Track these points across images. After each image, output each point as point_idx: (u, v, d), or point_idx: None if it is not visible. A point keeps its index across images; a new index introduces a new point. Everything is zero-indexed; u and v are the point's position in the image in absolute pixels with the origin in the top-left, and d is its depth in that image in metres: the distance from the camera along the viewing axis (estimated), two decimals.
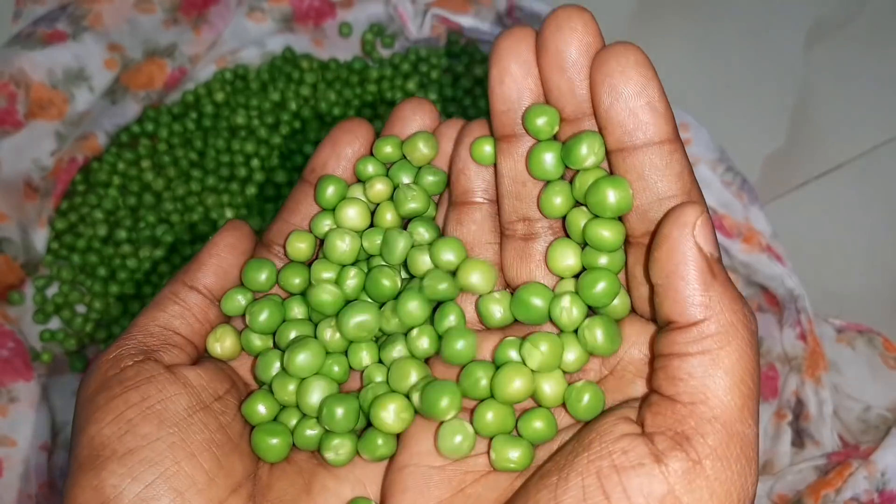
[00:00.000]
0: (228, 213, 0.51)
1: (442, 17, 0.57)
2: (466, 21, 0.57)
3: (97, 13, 0.54)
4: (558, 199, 0.20)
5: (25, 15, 0.56)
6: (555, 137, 0.20)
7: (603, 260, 0.19)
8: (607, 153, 0.19)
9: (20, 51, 0.51)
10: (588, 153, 0.19)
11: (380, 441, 0.20)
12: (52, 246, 0.51)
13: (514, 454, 0.19)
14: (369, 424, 0.21)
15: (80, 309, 0.50)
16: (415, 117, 0.22)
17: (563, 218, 0.20)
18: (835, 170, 0.57)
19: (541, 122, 0.19)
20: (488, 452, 0.19)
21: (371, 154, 0.23)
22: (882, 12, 0.62)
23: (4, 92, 0.51)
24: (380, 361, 0.21)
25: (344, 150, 0.23)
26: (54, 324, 0.50)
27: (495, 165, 0.21)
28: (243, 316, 0.22)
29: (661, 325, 0.18)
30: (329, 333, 0.21)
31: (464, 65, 0.57)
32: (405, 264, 0.22)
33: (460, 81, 0.56)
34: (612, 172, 0.19)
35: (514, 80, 0.19)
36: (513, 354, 0.20)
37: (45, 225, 0.50)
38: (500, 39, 0.19)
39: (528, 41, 0.19)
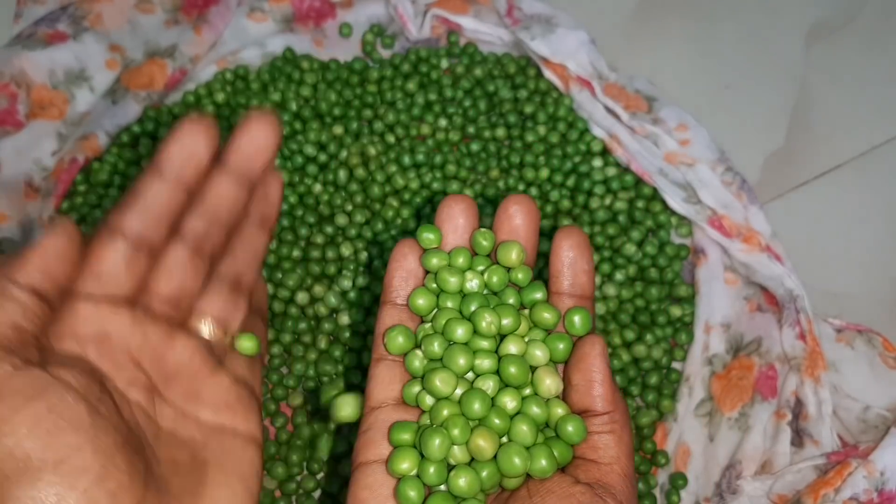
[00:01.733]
0: None
1: (442, 18, 0.58)
2: (466, 21, 0.57)
3: (98, 13, 0.54)
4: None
5: (26, 15, 0.56)
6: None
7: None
8: (551, 293, 0.27)
9: (21, 51, 0.51)
10: (542, 296, 0.27)
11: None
12: None
13: None
14: None
15: None
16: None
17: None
18: (834, 170, 0.57)
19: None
20: None
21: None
22: (881, 13, 0.62)
23: (5, 92, 0.51)
24: None
25: (193, 141, 0.25)
26: None
27: None
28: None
29: (576, 411, 0.25)
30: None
31: (464, 65, 0.57)
32: None
33: (461, 82, 0.56)
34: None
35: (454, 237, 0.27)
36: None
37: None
38: (445, 203, 0.27)
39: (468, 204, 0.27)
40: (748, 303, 0.50)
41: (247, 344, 0.27)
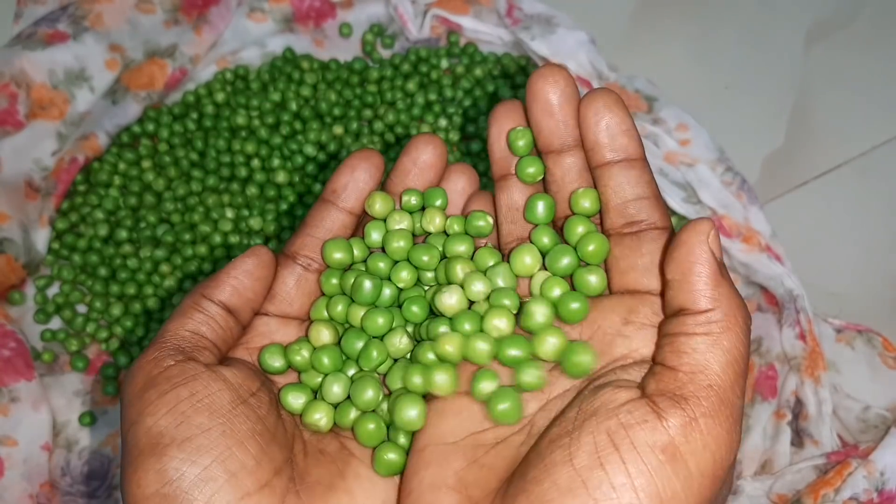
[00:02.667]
0: (229, 213, 0.51)
1: (442, 18, 0.58)
2: (466, 21, 0.57)
3: (98, 13, 0.54)
4: (546, 239, 0.25)
5: (26, 15, 0.56)
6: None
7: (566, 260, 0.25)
8: (593, 169, 0.24)
9: (21, 51, 0.51)
10: (592, 205, 0.24)
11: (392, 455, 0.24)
12: (53, 246, 0.51)
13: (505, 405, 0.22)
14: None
15: (81, 309, 0.50)
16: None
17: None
18: (833, 170, 0.57)
19: (531, 170, 0.25)
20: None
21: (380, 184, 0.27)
22: (880, 13, 0.62)
23: (5, 92, 0.51)
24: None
25: (359, 172, 0.26)
26: (55, 323, 0.50)
27: (494, 199, 0.27)
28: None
29: (671, 314, 0.22)
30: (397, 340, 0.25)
31: (464, 65, 0.57)
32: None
33: (461, 82, 0.56)
34: (596, 184, 0.24)
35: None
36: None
37: (46, 225, 0.50)
38: (498, 106, 0.25)
39: (518, 108, 0.25)
40: (748, 302, 0.50)
41: None
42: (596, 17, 0.59)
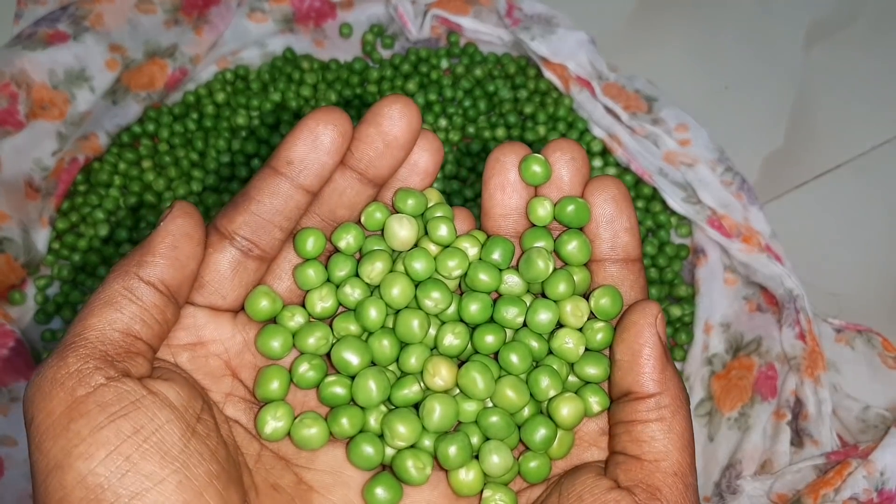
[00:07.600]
0: None
1: (442, 18, 0.58)
2: (466, 22, 0.57)
3: (98, 13, 0.54)
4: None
5: (27, 15, 0.56)
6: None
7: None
8: (593, 261, 0.23)
9: (21, 51, 0.51)
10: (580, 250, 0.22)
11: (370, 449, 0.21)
12: (54, 246, 0.51)
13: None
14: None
15: None
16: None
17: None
18: (833, 170, 0.57)
19: (536, 168, 0.22)
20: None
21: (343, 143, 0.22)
22: (879, 14, 0.62)
23: (6, 92, 0.51)
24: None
25: (322, 141, 0.21)
26: (55, 323, 0.50)
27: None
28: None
29: (618, 396, 0.22)
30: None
31: (464, 65, 0.57)
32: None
33: (461, 82, 0.56)
34: (593, 278, 0.23)
35: (514, 189, 0.23)
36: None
37: (47, 225, 0.50)
38: (496, 153, 0.22)
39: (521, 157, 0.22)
40: (748, 303, 0.50)
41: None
42: (596, 18, 0.59)
